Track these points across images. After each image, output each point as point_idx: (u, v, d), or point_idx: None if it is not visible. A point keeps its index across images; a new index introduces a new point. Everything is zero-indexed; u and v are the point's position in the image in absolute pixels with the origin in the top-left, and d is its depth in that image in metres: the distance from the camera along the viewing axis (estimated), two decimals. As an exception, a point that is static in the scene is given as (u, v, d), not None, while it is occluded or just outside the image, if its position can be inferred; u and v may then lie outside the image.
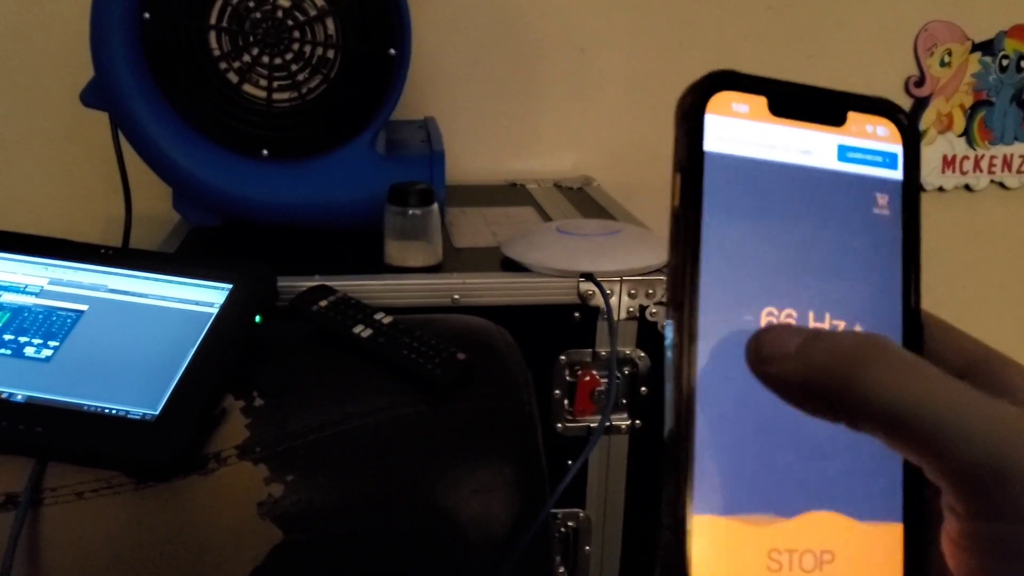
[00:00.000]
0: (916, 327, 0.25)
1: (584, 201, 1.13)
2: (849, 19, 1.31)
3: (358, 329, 0.65)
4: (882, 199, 0.25)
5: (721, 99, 0.24)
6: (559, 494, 0.64)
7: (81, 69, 0.88)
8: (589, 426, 0.84)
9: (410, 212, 0.83)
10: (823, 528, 0.23)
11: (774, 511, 0.23)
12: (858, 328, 0.24)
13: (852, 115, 0.25)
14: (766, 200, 0.24)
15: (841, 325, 0.24)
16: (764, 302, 0.24)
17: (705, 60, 1.27)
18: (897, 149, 0.26)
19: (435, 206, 0.84)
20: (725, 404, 0.23)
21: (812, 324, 0.24)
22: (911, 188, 0.26)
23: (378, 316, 0.67)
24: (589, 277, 0.80)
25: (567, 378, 0.83)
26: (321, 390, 0.61)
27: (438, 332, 0.66)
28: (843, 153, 0.25)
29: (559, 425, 0.84)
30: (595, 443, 0.83)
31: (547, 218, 1.03)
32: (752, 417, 0.23)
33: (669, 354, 0.23)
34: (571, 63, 1.27)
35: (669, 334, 0.24)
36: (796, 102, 0.25)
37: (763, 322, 0.24)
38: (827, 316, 0.24)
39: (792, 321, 0.24)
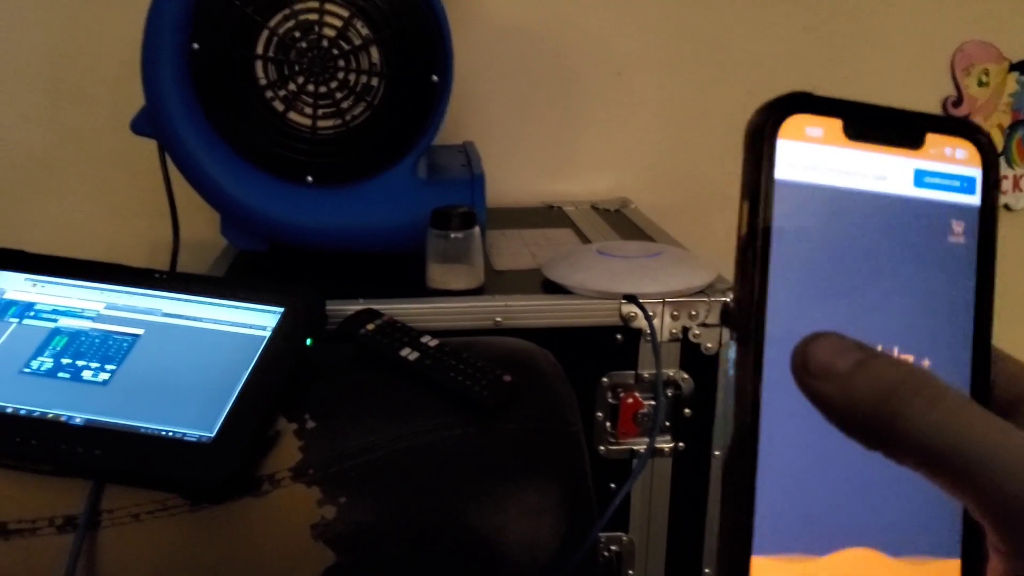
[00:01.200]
0: (986, 361, 0.24)
1: (622, 223, 1.13)
2: (885, 40, 1.30)
3: (405, 352, 0.66)
4: (958, 226, 0.24)
5: (794, 123, 0.23)
6: (607, 518, 0.64)
7: (131, 97, 0.91)
8: (632, 448, 0.83)
9: (452, 235, 0.84)
10: (876, 565, 0.23)
11: (828, 548, 0.22)
12: (926, 363, 0.23)
13: (930, 137, 0.24)
14: (838, 229, 0.23)
15: (910, 359, 0.23)
16: None
17: (741, 82, 1.27)
18: (976, 173, 0.24)
19: (477, 229, 0.85)
20: (785, 437, 0.22)
21: None
22: (988, 214, 0.24)
23: (424, 339, 0.67)
24: (631, 299, 0.80)
25: (609, 400, 0.83)
26: (371, 412, 0.61)
27: (483, 354, 0.67)
28: (920, 178, 0.24)
29: (602, 448, 0.84)
30: (642, 466, 0.82)
31: (586, 240, 1.03)
32: (812, 451, 0.22)
33: (731, 373, 0.23)
34: (608, 86, 1.28)
35: (731, 356, 0.23)
36: (873, 124, 0.24)
37: None
38: (895, 350, 0.23)
39: None
